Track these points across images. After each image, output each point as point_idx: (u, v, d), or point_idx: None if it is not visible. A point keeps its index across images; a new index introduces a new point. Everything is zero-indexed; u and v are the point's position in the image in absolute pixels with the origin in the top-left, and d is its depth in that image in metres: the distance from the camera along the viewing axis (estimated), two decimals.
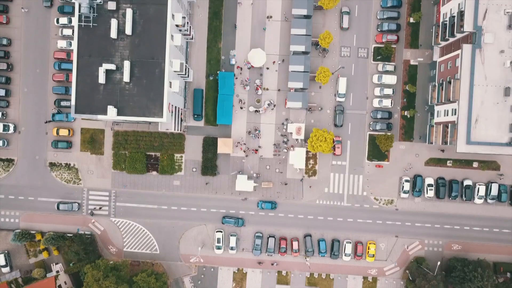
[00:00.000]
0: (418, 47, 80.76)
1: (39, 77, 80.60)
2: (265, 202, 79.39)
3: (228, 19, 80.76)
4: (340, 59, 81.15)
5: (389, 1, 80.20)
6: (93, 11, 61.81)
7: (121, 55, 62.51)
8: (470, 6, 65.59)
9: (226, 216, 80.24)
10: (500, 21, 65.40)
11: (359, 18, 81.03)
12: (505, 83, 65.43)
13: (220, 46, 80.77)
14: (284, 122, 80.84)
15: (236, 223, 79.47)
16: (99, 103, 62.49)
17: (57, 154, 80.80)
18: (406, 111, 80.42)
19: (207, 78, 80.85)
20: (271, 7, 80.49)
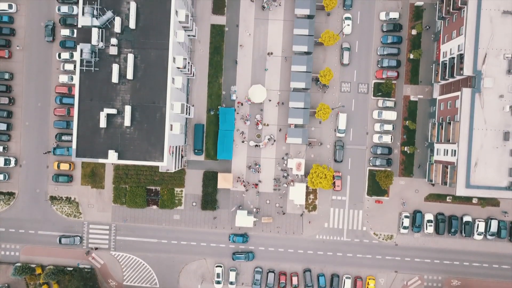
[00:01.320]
0: (418, 83, 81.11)
1: (41, 111, 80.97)
2: (237, 236, 79.52)
3: (229, 54, 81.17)
4: (340, 94, 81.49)
5: (390, 38, 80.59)
6: (95, 56, 62.17)
7: (122, 99, 62.82)
8: (470, 50, 65.94)
9: (236, 252, 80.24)
10: (500, 65, 65.74)
11: (359, 54, 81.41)
12: (504, 128, 65.69)
13: (221, 81, 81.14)
14: (284, 157, 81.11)
15: (246, 257, 79.59)
16: (100, 146, 62.77)
17: (58, 187, 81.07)
18: (406, 147, 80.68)
19: (208, 112, 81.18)
20: (271, 44, 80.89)
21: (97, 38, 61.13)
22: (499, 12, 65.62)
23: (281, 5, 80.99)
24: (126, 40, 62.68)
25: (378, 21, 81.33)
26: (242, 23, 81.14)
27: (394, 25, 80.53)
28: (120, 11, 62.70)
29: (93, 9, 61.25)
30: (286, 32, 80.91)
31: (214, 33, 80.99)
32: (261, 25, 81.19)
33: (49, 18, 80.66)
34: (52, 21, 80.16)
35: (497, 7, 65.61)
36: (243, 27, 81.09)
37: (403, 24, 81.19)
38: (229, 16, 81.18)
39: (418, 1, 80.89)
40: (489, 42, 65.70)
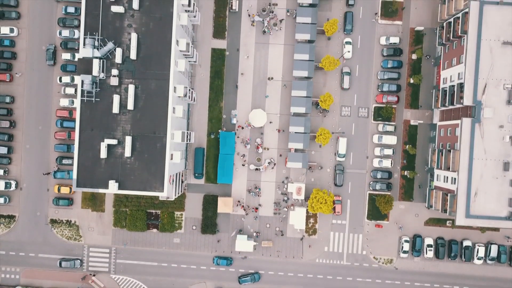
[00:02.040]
0: (418, 107, 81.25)
1: (42, 134, 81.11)
2: (221, 259, 79.61)
3: (229, 78, 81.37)
4: (341, 118, 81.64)
5: (390, 62, 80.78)
6: (96, 86, 62.35)
7: (123, 129, 62.98)
8: (470, 80, 66.11)
9: (242, 275, 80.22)
10: (500, 95, 65.90)
11: (359, 78, 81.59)
12: (504, 158, 65.81)
13: (221, 105, 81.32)
14: (285, 181, 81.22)
15: (252, 279, 79.67)
16: (100, 176, 62.91)
17: (58, 210, 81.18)
18: (406, 171, 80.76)
19: (208, 136, 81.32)
20: (272, 68, 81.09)
21: (98, 69, 61.33)
22: (499, 43, 65.80)
23: (281, 30, 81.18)
24: (127, 71, 62.86)
25: (379, 46, 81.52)
26: (242, 47, 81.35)
27: (395, 50, 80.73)
28: (121, 41, 62.92)
29: (94, 40, 61.43)
30: (287, 56, 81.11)
31: (215, 57, 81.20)
32: (261, 49, 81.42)
33: (50, 41, 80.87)
34: (53, 45, 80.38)
35: (497, 38, 65.79)
36: (244, 51, 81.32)
37: (404, 49, 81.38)
38: (230, 40, 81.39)
39: (418, 26, 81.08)
40: (489, 72, 65.86)
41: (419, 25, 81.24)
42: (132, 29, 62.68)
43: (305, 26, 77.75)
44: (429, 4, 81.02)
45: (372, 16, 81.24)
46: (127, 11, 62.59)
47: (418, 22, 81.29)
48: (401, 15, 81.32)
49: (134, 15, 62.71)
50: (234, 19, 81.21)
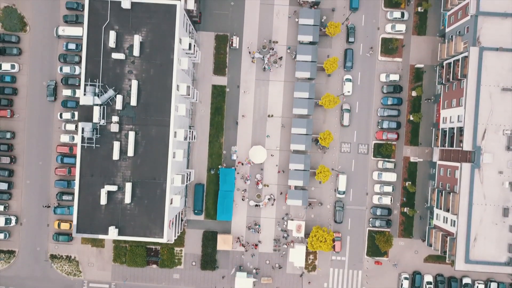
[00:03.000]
0: (418, 144, 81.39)
1: (42, 170, 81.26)
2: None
3: (230, 114, 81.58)
4: (340, 155, 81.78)
5: (390, 99, 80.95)
6: (96, 133, 62.54)
7: (123, 175, 63.15)
8: (469, 125, 66.25)
9: None
10: (499, 141, 66.00)
11: (359, 114, 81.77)
12: (503, 203, 65.87)
13: (221, 141, 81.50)
14: (285, 217, 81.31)
15: None
16: (100, 222, 63.05)
17: (58, 246, 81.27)
18: (405, 208, 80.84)
19: (208, 172, 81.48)
20: (272, 104, 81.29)
21: (98, 116, 61.56)
22: (499, 88, 65.97)
23: (281, 67, 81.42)
24: (127, 117, 63.08)
25: (379, 82, 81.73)
26: (243, 83, 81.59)
27: (395, 87, 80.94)
28: (121, 87, 63.15)
29: (94, 88, 61.67)
30: (287, 93, 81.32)
31: (215, 93, 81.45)
32: (261, 86, 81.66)
33: (51, 77, 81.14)
34: (54, 81, 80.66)
35: (496, 83, 65.97)
36: (244, 87, 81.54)
37: (403, 86, 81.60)
38: (230, 76, 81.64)
39: (418, 63, 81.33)
40: (489, 118, 66.01)
41: (419, 62, 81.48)
42: (132, 75, 62.92)
43: (305, 64, 78.02)
44: (429, 42, 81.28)
45: (374, 54, 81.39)
46: (128, 58, 62.86)
47: (418, 59, 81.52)
48: (401, 52, 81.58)
49: (135, 61, 62.98)
50: (234, 56, 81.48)
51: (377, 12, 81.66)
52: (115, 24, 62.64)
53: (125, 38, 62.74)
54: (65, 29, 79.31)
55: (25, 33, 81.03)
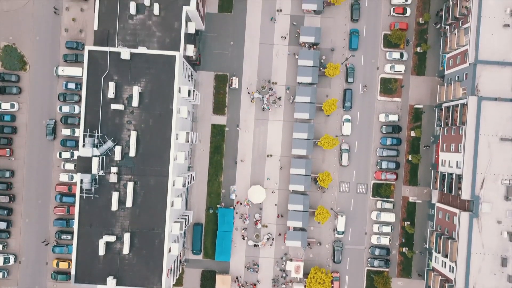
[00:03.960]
0: (417, 184, 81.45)
1: (41, 209, 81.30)
2: None
3: (229, 153, 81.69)
4: (339, 194, 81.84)
5: (389, 140, 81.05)
6: (95, 183, 62.62)
7: (121, 225, 63.20)
8: (468, 175, 66.31)
9: None
10: (498, 191, 66.05)
11: (358, 154, 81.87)
12: (502, 253, 65.85)
13: (220, 180, 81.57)
14: (283, 257, 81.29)
15: None
16: (99, 272, 63.05)
17: (56, 285, 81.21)
18: (404, 248, 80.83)
19: (207, 211, 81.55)
20: (271, 143, 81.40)
21: (97, 167, 61.62)
22: (497, 138, 66.06)
23: (280, 106, 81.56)
24: (126, 167, 63.18)
25: (378, 122, 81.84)
26: (242, 123, 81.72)
27: (394, 127, 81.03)
28: (120, 137, 63.26)
29: (93, 139, 61.77)
30: (286, 133, 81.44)
31: (215, 132, 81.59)
32: (261, 125, 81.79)
33: (51, 116, 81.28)
34: (54, 120, 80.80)
35: (495, 133, 66.07)
36: (243, 127, 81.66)
37: (403, 126, 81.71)
38: (230, 116, 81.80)
39: (417, 103, 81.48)
40: (487, 167, 66.09)
41: (418, 102, 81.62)
42: (131, 126, 63.05)
43: (304, 105, 78.16)
44: (428, 82, 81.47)
45: (373, 94, 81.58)
46: (127, 108, 63.02)
47: (417, 99, 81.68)
48: (400, 92, 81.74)
49: (134, 111, 63.12)
50: (234, 95, 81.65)
51: (376, 52, 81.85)
52: (115, 75, 62.80)
53: (124, 89, 62.90)
54: (65, 69, 79.51)
55: (25, 72, 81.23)
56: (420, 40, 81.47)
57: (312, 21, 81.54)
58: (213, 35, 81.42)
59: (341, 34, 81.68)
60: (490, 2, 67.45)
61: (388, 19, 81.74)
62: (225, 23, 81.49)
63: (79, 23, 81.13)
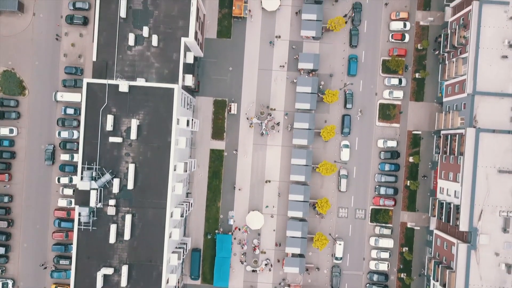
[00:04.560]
0: (415, 210, 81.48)
1: (39, 234, 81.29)
2: None
3: (227, 178, 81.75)
4: (338, 220, 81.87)
5: (387, 166, 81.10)
6: (93, 215, 62.67)
7: (119, 257, 63.23)
8: (466, 206, 66.36)
9: None
10: (496, 222, 66.08)
11: (357, 180, 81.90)
12: (500, 285, 65.84)
13: (219, 205, 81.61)
14: (281, 283, 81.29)
15: None
16: None
17: None
18: (402, 274, 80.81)
19: (205, 236, 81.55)
20: (270, 168, 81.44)
21: (95, 200, 61.68)
22: (495, 170, 66.13)
23: (279, 132, 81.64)
24: (124, 199, 63.25)
25: (376, 148, 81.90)
26: (241, 148, 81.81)
27: (392, 153, 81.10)
28: (118, 170, 63.35)
29: (91, 172, 61.83)
30: (284, 158, 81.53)
31: (213, 157, 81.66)
32: (259, 150, 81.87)
33: (50, 141, 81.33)
34: (52, 145, 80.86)
35: (493, 165, 66.14)
36: (242, 152, 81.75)
37: (401, 151, 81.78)
38: (228, 141, 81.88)
39: (416, 128, 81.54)
40: (485, 199, 66.13)
41: (416, 127, 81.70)
42: (130, 158, 63.14)
43: (302, 131, 78.25)
44: (426, 108, 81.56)
45: (372, 121, 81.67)
46: (125, 140, 63.10)
47: (416, 124, 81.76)
48: (399, 118, 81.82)
49: (132, 144, 63.23)
50: (232, 120, 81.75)
51: (375, 77, 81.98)
52: (113, 107, 62.92)
53: (123, 121, 63.00)
54: (64, 94, 79.64)
55: (24, 97, 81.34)
56: (418, 66, 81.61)
57: (311, 47, 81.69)
58: (212, 60, 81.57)
59: (340, 59, 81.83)
60: (488, 33, 67.60)
61: (387, 45, 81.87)
62: (224, 49, 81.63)
63: (78, 48, 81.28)
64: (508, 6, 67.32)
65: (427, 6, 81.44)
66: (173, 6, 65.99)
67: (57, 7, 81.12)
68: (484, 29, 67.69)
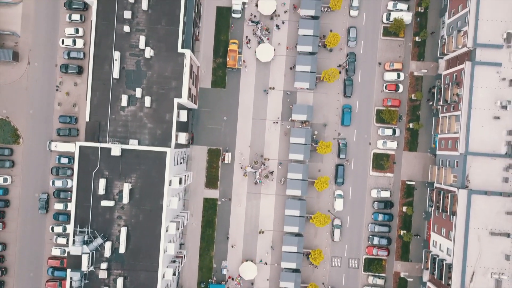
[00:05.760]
0: (408, 260, 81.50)
1: (33, 282, 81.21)
2: None
3: (221, 228, 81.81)
4: (331, 269, 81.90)
5: (380, 216, 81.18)
6: (85, 278, 62.72)
7: None
8: (458, 268, 66.43)
9: None
10: (487, 284, 66.13)
11: (350, 229, 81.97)
12: None
13: (212, 254, 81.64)
14: None
15: None
16: None
17: None
18: None
19: (198, 285, 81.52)
20: (263, 217, 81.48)
21: (87, 264, 61.73)
22: (487, 231, 66.20)
23: (273, 181, 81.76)
24: (116, 262, 63.34)
25: (370, 198, 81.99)
26: (234, 197, 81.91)
27: (386, 203, 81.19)
28: (111, 233, 63.47)
29: (83, 237, 61.91)
30: (278, 207, 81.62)
31: (207, 206, 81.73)
32: (253, 199, 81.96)
33: (44, 190, 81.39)
34: (46, 194, 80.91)
35: (485, 227, 66.23)
36: (236, 201, 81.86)
37: (395, 201, 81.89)
38: (222, 190, 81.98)
39: (409, 178, 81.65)
40: (477, 261, 66.18)
41: (410, 177, 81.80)
42: (122, 221, 63.26)
43: (296, 181, 78.35)
44: (420, 158, 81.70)
45: (365, 170, 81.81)
46: (117, 203, 63.22)
47: (409, 174, 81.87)
48: (393, 168, 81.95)
49: (124, 207, 63.32)
50: (226, 169, 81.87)
51: (369, 127, 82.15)
52: (105, 170, 63.07)
53: (115, 184, 63.14)
54: (58, 144, 79.73)
55: (18, 145, 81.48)
56: (412, 116, 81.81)
57: (305, 96, 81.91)
58: (206, 110, 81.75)
59: (334, 109, 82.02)
60: (481, 94, 67.78)
61: (381, 95, 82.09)
62: (218, 99, 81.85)
63: (72, 97, 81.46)
64: (500, 67, 67.50)
65: (421, 57, 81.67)
66: (166, 66, 66.19)
67: (52, 56, 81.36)
68: (476, 89, 67.87)
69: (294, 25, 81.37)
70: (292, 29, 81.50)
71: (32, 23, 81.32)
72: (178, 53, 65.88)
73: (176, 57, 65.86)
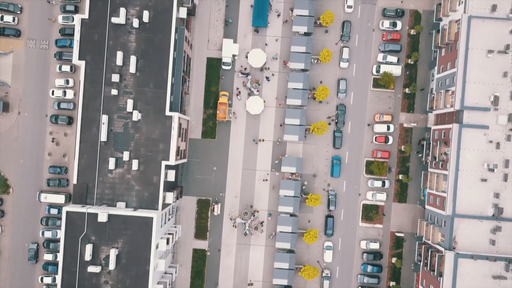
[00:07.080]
0: None
1: None
2: None
3: (210, 278, 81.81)
4: None
5: (369, 267, 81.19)
6: None
7: None
8: None
9: None
10: None
11: (340, 280, 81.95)
12: None
13: None
14: None
15: None
16: None
17: None
18: None
19: None
20: (253, 268, 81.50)
21: None
22: None
23: (263, 232, 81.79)
24: None
25: (359, 249, 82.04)
26: (224, 248, 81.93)
27: (375, 255, 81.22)
28: None
29: None
30: (267, 259, 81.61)
31: (196, 257, 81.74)
32: (242, 250, 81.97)
33: (33, 240, 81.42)
34: (36, 244, 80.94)
35: None
36: (225, 252, 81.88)
37: (384, 252, 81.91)
38: (211, 240, 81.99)
39: (398, 230, 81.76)
40: None
41: (399, 228, 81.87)
42: (108, 286, 63.39)
43: (286, 235, 78.41)
44: (409, 210, 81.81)
45: (355, 221, 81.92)
46: (104, 268, 63.24)
47: (399, 226, 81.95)
48: (382, 219, 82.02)
49: (111, 272, 63.36)
50: (216, 220, 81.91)
51: (358, 178, 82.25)
52: (92, 235, 63.16)
53: (102, 249, 63.22)
54: (48, 196, 79.71)
55: (8, 195, 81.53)
56: (402, 167, 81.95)
57: (294, 147, 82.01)
58: (196, 160, 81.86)
59: (323, 160, 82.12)
60: (468, 156, 67.98)
61: (370, 146, 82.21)
62: (208, 149, 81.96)
63: (62, 148, 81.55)
64: (488, 129, 67.68)
65: (411, 109, 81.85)
66: (154, 129, 66.35)
67: (42, 107, 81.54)
68: (464, 151, 68.07)
69: (284, 77, 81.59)
70: (282, 81, 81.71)
71: (22, 73, 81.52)
72: (166, 115, 66.01)
73: (164, 120, 66.02)
